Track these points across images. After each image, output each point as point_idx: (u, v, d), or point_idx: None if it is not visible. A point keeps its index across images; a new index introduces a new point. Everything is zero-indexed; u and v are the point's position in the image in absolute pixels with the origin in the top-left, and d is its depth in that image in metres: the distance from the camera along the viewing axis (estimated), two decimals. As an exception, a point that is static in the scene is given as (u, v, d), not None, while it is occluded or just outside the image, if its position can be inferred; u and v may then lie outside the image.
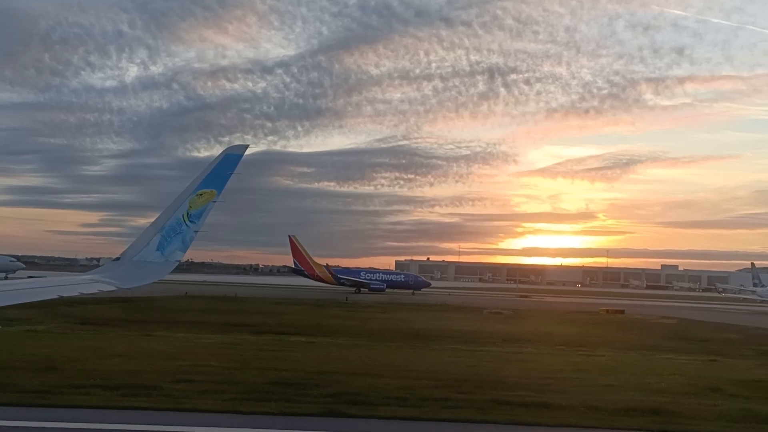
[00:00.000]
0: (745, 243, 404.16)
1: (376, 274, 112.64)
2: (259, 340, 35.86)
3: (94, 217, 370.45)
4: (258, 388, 20.02)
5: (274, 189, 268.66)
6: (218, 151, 15.37)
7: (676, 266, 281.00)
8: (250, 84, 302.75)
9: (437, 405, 18.65)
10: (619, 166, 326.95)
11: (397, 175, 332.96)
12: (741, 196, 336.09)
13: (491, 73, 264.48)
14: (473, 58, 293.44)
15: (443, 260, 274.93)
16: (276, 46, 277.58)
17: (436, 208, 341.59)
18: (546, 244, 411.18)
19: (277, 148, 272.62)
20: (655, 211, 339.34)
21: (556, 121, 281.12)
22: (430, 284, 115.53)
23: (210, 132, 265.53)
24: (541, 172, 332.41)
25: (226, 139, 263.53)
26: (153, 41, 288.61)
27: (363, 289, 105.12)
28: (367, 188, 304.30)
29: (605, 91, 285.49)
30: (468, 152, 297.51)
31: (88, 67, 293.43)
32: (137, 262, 14.49)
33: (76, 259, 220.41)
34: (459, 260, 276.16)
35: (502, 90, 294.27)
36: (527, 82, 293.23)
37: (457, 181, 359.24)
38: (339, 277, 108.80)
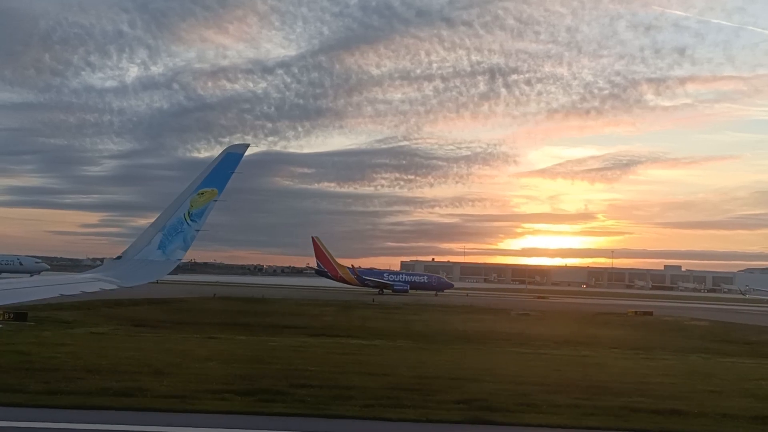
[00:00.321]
0: (745, 244, 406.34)
1: (399, 275, 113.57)
2: (323, 343, 36.51)
3: (93, 217, 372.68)
4: (383, 394, 20.35)
5: (274, 189, 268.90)
6: (218, 151, 15.54)
7: (679, 267, 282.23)
8: (250, 84, 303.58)
9: (574, 412, 18.94)
10: (620, 166, 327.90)
11: (398, 175, 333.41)
12: (741, 197, 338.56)
13: (492, 73, 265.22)
14: (474, 58, 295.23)
15: (448, 261, 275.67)
16: (277, 47, 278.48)
17: (436, 209, 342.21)
18: (545, 245, 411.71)
19: (278, 148, 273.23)
20: (655, 211, 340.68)
21: (557, 122, 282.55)
22: (453, 285, 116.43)
23: (210, 132, 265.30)
24: (541, 173, 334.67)
25: (227, 140, 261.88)
26: (153, 41, 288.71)
27: (386, 291, 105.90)
28: (367, 189, 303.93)
29: (606, 92, 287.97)
30: (468, 153, 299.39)
31: (89, 68, 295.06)
32: (139, 261, 14.56)
33: (79, 260, 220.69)
34: (464, 261, 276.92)
35: (503, 90, 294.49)
36: (528, 83, 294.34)
37: (457, 182, 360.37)
38: (364, 279, 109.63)
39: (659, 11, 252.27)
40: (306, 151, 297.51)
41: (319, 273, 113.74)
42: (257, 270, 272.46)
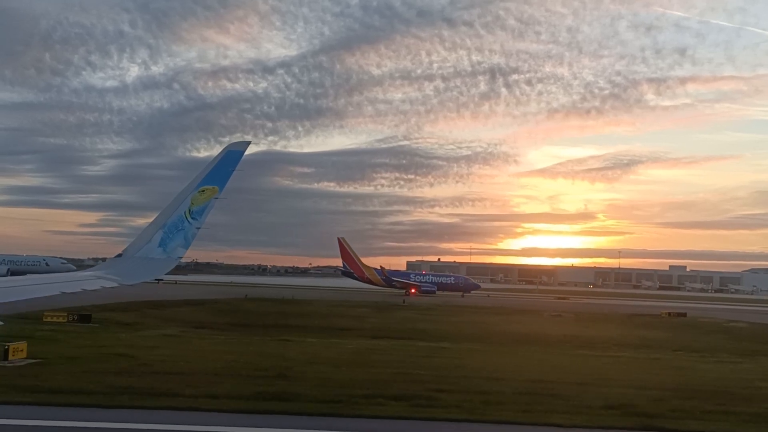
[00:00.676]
0: (745, 243, 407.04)
1: (426, 277, 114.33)
2: (394, 346, 37.09)
3: (92, 217, 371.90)
4: (525, 399, 20.88)
5: (274, 189, 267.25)
6: (218, 151, 15.45)
7: (684, 267, 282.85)
8: (251, 84, 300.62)
9: (733, 419, 19.39)
10: (620, 166, 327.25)
11: (397, 175, 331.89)
12: (740, 197, 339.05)
13: (493, 73, 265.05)
14: (475, 58, 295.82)
15: (454, 261, 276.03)
16: (277, 46, 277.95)
17: (436, 209, 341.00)
18: (545, 245, 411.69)
19: (278, 148, 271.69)
20: (655, 211, 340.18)
21: (557, 122, 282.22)
22: (480, 287, 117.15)
23: (210, 132, 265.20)
24: (542, 173, 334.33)
25: (226, 139, 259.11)
26: (154, 41, 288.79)
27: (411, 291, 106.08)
28: (367, 188, 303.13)
29: (607, 92, 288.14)
30: (469, 152, 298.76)
31: (89, 67, 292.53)
32: (139, 259, 14.51)
33: (81, 260, 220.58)
34: (470, 261, 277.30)
35: (504, 90, 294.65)
36: (529, 83, 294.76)
37: (457, 182, 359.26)
38: (392, 280, 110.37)
39: (660, 12, 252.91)
40: (306, 150, 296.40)
41: (345, 274, 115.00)
42: (261, 270, 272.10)
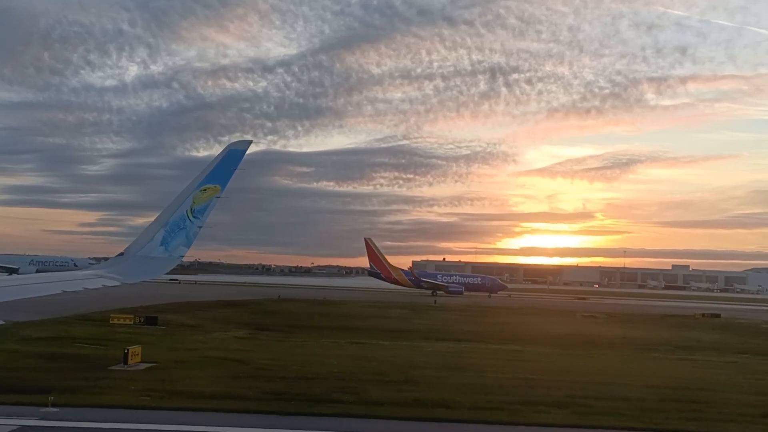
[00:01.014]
0: (743, 243, 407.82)
1: (453, 277, 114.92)
2: (469, 348, 38.02)
3: (92, 216, 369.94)
4: (667, 407, 21.75)
5: (273, 189, 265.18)
6: (217, 150, 15.52)
7: (687, 266, 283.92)
8: (250, 83, 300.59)
9: None
10: (619, 166, 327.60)
11: (397, 174, 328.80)
12: (738, 196, 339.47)
13: (493, 72, 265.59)
14: (475, 57, 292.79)
15: (459, 261, 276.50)
16: (277, 45, 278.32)
17: (435, 208, 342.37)
18: (544, 244, 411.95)
19: (277, 147, 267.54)
20: (653, 210, 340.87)
21: (557, 121, 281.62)
22: (507, 287, 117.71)
23: (209, 131, 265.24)
24: (541, 172, 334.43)
25: (226, 139, 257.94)
26: (153, 40, 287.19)
27: (439, 292, 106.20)
28: (366, 188, 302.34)
29: (607, 91, 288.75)
30: (468, 152, 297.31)
31: (88, 66, 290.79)
32: (141, 257, 14.52)
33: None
34: (475, 260, 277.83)
35: (504, 89, 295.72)
36: (529, 82, 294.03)
37: (456, 181, 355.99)
38: (421, 280, 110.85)
39: (661, 11, 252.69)
40: (305, 150, 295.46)
41: (372, 274, 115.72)
42: (265, 270, 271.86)
